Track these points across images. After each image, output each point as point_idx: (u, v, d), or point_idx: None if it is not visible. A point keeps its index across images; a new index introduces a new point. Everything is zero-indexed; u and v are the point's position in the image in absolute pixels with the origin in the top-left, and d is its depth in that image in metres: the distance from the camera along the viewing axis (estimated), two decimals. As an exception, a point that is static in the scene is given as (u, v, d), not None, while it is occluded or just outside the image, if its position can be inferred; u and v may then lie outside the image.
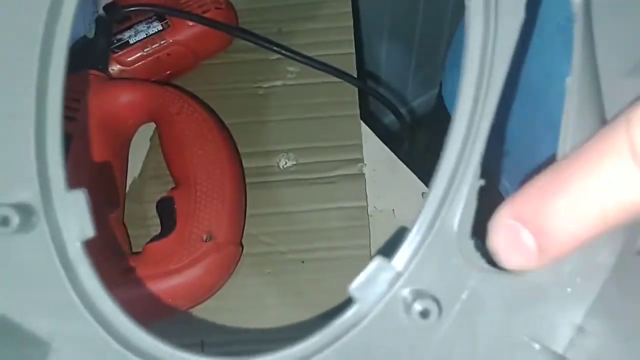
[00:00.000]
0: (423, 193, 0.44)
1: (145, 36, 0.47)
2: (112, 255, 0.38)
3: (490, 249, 0.18)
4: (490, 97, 0.22)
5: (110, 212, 0.40)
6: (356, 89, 0.49)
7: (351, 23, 0.51)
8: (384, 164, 0.47)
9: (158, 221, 0.41)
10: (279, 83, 0.49)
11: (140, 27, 0.47)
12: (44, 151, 0.23)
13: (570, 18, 0.23)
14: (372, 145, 0.47)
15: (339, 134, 0.47)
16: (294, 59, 0.48)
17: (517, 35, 0.23)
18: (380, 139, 0.48)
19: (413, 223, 0.22)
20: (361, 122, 0.48)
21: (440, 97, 0.58)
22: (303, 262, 0.42)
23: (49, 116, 0.24)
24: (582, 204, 0.16)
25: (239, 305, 0.41)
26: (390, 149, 0.48)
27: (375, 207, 0.45)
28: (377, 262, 0.22)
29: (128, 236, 0.41)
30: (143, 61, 0.46)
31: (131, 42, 0.46)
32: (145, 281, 0.37)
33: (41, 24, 0.24)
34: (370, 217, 0.44)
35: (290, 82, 0.49)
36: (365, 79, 0.72)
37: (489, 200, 0.24)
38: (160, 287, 0.37)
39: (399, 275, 0.22)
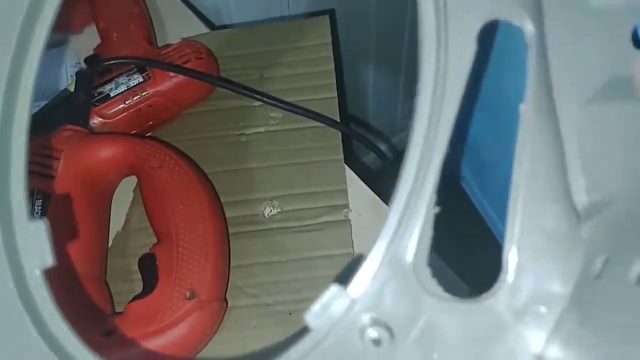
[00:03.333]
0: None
1: (126, 88, 0.47)
2: (93, 318, 0.37)
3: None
4: (443, 128, 0.23)
5: (92, 270, 0.40)
6: (339, 133, 0.49)
7: (332, 67, 0.51)
8: (369, 209, 0.46)
9: (142, 276, 0.40)
10: (261, 130, 0.49)
11: (121, 79, 0.47)
12: (7, 183, 0.24)
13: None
14: (357, 190, 0.47)
15: (323, 180, 0.47)
16: (276, 105, 0.48)
17: (470, 64, 0.23)
18: (365, 181, 0.48)
19: (370, 250, 0.22)
20: (345, 166, 0.48)
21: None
22: (290, 313, 0.42)
23: (13, 147, 0.25)
24: None
25: (225, 361, 0.40)
26: (374, 191, 0.47)
27: (362, 253, 0.44)
28: (332, 289, 0.22)
29: (111, 295, 0.41)
30: (125, 113, 0.46)
31: (112, 94, 0.46)
32: (128, 343, 0.36)
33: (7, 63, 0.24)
34: (357, 264, 0.43)
35: (273, 129, 0.49)
36: (347, 121, 0.72)
37: (450, 198, 0.24)
38: (142, 349, 0.36)
39: (354, 302, 0.22)
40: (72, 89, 0.47)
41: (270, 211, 0.46)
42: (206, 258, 0.38)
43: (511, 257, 0.23)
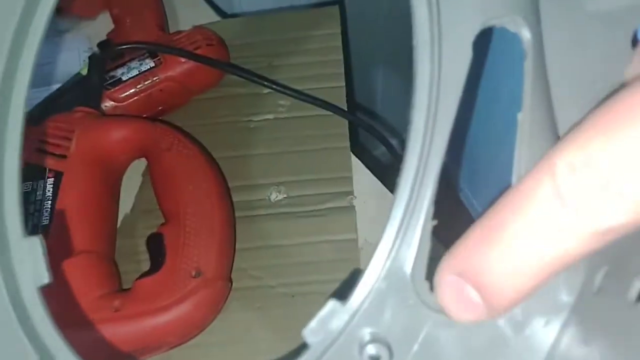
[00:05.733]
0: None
1: (137, 73, 0.47)
2: (101, 294, 0.38)
3: (440, 304, 0.18)
4: (439, 139, 0.22)
5: (103, 248, 0.40)
6: (346, 122, 0.49)
7: (341, 57, 0.52)
8: (374, 196, 0.47)
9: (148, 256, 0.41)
10: (270, 116, 0.50)
11: (133, 64, 0.48)
12: (1, 199, 0.23)
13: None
14: (363, 178, 0.48)
15: (329, 167, 0.47)
16: (284, 93, 0.49)
17: (465, 72, 0.23)
18: (371, 171, 0.49)
19: (367, 265, 0.22)
20: (351, 154, 0.48)
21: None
22: (293, 296, 0.42)
23: (6, 163, 0.24)
24: (514, 254, 0.15)
25: (228, 340, 0.41)
26: (380, 180, 0.48)
27: (365, 239, 0.45)
28: (330, 305, 0.22)
29: (118, 272, 0.42)
30: (135, 97, 0.47)
31: (124, 78, 0.47)
32: (134, 318, 0.37)
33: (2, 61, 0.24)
34: (361, 250, 0.44)
35: (281, 116, 0.50)
36: (355, 111, 0.73)
37: (450, 211, 0.24)
38: (150, 324, 0.37)
39: (352, 318, 0.22)
40: (84, 73, 0.48)
41: (277, 196, 0.46)
42: (213, 238, 0.39)
43: None
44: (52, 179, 0.40)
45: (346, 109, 0.50)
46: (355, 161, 0.48)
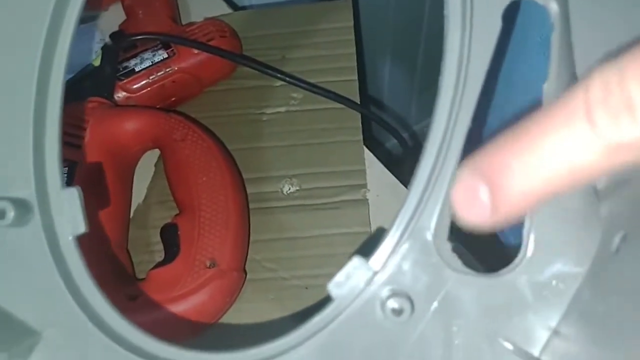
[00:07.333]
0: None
1: (150, 64, 0.47)
2: (115, 282, 0.38)
3: (451, 202, 0.18)
4: (466, 104, 0.23)
5: (116, 238, 0.40)
6: (359, 115, 0.49)
7: (354, 50, 0.52)
8: (387, 189, 0.47)
9: (162, 247, 0.41)
10: (282, 109, 0.50)
11: (146, 55, 0.48)
12: (42, 151, 0.25)
13: (549, 35, 0.24)
14: (376, 171, 0.47)
15: (342, 160, 0.47)
16: (297, 85, 0.49)
17: (494, 42, 0.23)
18: (383, 164, 0.48)
19: (391, 224, 0.23)
20: (364, 147, 0.48)
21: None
22: (306, 287, 0.42)
23: (48, 118, 0.26)
24: (533, 164, 0.16)
25: (242, 331, 0.41)
26: (393, 173, 0.48)
27: (383, 227, 0.45)
28: (355, 261, 0.22)
29: (132, 262, 0.42)
30: (148, 88, 0.47)
31: (137, 69, 0.47)
32: (148, 308, 0.37)
33: (44, 30, 0.26)
34: (373, 243, 0.44)
35: (293, 109, 0.50)
36: (368, 105, 0.72)
37: None
38: (164, 314, 0.37)
39: (375, 274, 0.22)
40: (96, 64, 0.47)
41: (289, 189, 0.46)
42: (227, 229, 0.38)
43: (530, 233, 0.23)
44: (66, 168, 0.40)
45: (359, 102, 0.49)
46: (368, 154, 0.48)
